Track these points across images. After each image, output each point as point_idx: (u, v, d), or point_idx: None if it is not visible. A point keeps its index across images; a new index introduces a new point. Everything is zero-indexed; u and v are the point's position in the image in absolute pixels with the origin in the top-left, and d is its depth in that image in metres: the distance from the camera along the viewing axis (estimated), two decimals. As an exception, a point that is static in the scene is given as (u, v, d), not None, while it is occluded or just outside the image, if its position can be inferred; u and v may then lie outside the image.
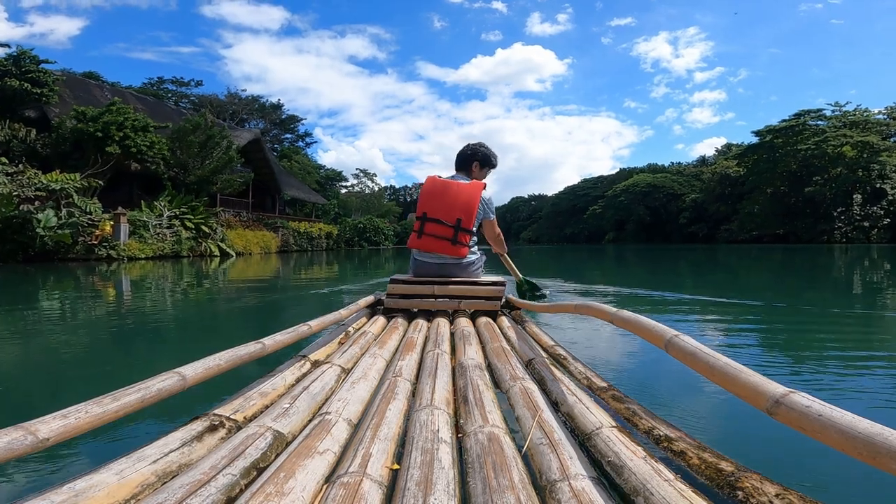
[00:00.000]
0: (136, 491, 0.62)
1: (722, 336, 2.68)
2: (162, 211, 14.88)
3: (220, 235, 16.79)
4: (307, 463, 0.68)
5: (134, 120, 15.61)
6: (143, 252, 13.14)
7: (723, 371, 0.71)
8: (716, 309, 3.97)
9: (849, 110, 36.56)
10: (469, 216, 2.25)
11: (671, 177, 54.59)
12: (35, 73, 16.20)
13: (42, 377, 2.00)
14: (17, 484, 1.05)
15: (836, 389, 1.71)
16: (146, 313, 3.96)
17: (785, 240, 34.45)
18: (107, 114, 15.01)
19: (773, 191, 36.99)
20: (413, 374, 1.22)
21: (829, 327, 3.08)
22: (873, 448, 0.48)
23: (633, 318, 1.05)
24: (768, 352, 2.35)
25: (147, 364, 2.27)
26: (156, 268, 9.96)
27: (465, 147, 2.51)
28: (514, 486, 0.62)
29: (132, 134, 15.32)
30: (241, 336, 1.06)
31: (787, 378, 1.84)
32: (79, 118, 14.86)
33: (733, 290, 5.81)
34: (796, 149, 34.87)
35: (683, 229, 47.41)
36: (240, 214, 21.38)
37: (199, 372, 0.89)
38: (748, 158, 40.79)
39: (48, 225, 11.36)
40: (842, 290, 5.57)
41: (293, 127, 46.20)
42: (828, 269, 9.15)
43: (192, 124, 17.80)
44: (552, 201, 75.65)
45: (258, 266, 11.46)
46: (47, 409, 0.66)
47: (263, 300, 4.97)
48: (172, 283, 6.99)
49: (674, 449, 0.77)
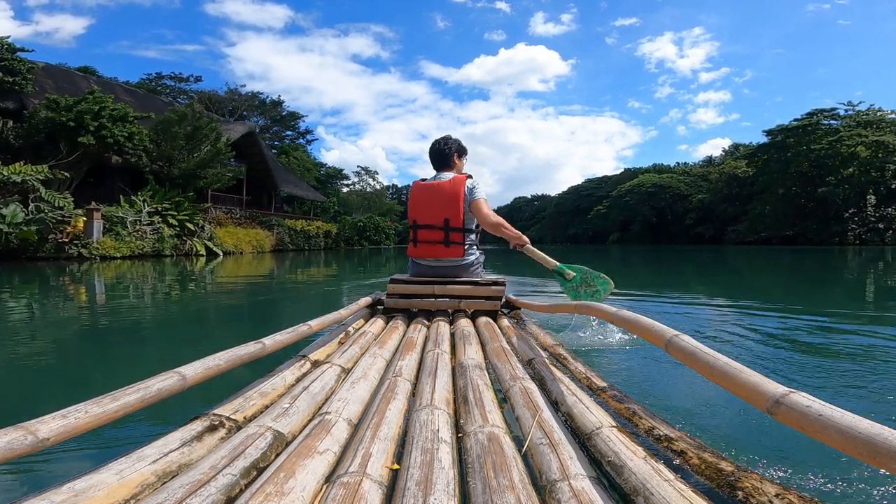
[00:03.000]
0: (136, 491, 0.61)
1: (722, 336, 2.68)
2: (141, 206, 14.01)
3: (207, 233, 15.92)
4: (307, 463, 0.68)
5: (112, 110, 14.68)
6: (120, 251, 12.34)
7: (723, 371, 0.71)
8: (721, 311, 3.97)
9: (862, 109, 36.01)
10: (456, 213, 2.20)
11: (677, 177, 54.03)
12: (9, 62, 15.22)
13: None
14: (17, 484, 1.05)
15: (836, 389, 1.71)
16: (95, 322, 3.56)
17: (794, 241, 33.91)
18: (83, 103, 14.10)
19: (785, 191, 36.42)
20: (413, 373, 1.22)
21: (829, 328, 3.08)
22: (873, 448, 0.48)
23: (633, 318, 1.05)
24: (768, 352, 2.35)
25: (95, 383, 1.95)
26: (128, 268, 9.33)
27: (438, 145, 2.39)
28: (514, 486, 0.62)
29: (109, 124, 14.35)
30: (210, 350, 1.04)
31: (788, 378, 1.84)
32: (51, 107, 13.94)
33: (749, 294, 5.69)
34: (809, 148, 34.30)
35: (690, 230, 46.95)
36: (232, 211, 20.73)
37: (199, 372, 0.89)
38: (758, 158, 40.28)
39: (14, 221, 10.53)
40: (860, 293, 5.50)
41: (294, 124, 46.02)
42: (842, 272, 8.99)
43: (178, 115, 16.68)
44: (556, 201, 75.33)
45: (245, 266, 10.98)
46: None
47: (235, 309, 4.40)
48: (137, 285, 6.40)
49: (674, 449, 0.77)
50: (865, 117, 35.14)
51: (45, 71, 18.05)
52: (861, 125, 34.27)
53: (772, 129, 38.75)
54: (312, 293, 5.67)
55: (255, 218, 21.95)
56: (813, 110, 37.06)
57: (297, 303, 4.85)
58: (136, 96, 22.75)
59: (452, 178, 2.26)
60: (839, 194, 33.24)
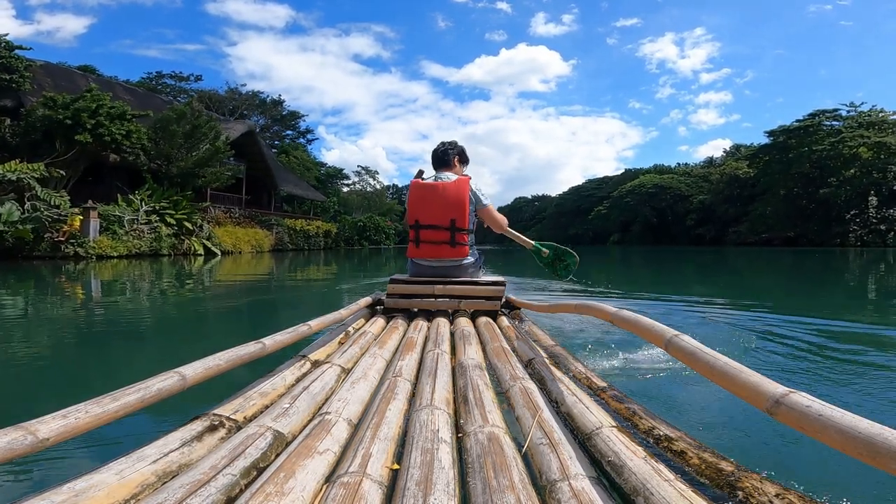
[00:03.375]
0: (136, 491, 0.61)
1: (723, 336, 2.68)
2: (139, 205, 13.84)
3: (206, 233, 15.79)
4: (307, 463, 0.68)
5: (110, 107, 14.49)
6: (116, 250, 12.21)
7: (723, 371, 0.71)
8: (721, 312, 3.97)
9: (864, 111, 35.71)
10: (462, 214, 2.22)
11: (678, 178, 53.79)
12: (7, 59, 15.05)
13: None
14: (17, 484, 1.05)
15: (837, 389, 1.71)
16: (86, 323, 3.53)
17: (795, 242, 33.67)
18: (80, 100, 13.92)
19: (786, 192, 36.18)
20: (413, 373, 1.22)
21: (829, 327, 3.08)
22: (873, 448, 0.48)
23: (633, 318, 1.05)
24: (768, 352, 2.35)
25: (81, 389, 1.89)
26: (125, 268, 9.31)
27: (443, 146, 2.44)
28: (514, 486, 0.62)
29: (106, 122, 14.14)
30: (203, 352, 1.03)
31: (788, 378, 1.84)
32: (48, 105, 13.77)
33: (749, 294, 5.67)
34: (811, 149, 34.06)
35: (690, 231, 46.68)
36: (231, 211, 20.57)
37: (199, 372, 0.89)
38: (760, 159, 40.08)
39: (10, 219, 10.42)
40: (861, 294, 5.48)
41: (294, 123, 45.94)
42: (843, 274, 8.94)
43: (177, 113, 16.51)
44: (556, 202, 75.04)
45: (243, 266, 10.96)
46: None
47: (231, 310, 4.32)
48: (132, 285, 6.32)
49: (674, 449, 0.77)
50: (868, 118, 34.89)
51: (43, 69, 17.93)
52: (863, 126, 34.04)
53: (774, 130, 38.58)
54: (312, 293, 5.67)
55: (255, 217, 21.82)
56: (815, 111, 36.78)
57: (297, 303, 4.85)
58: (136, 95, 22.62)
59: (457, 180, 2.27)
60: (841, 195, 33.04)
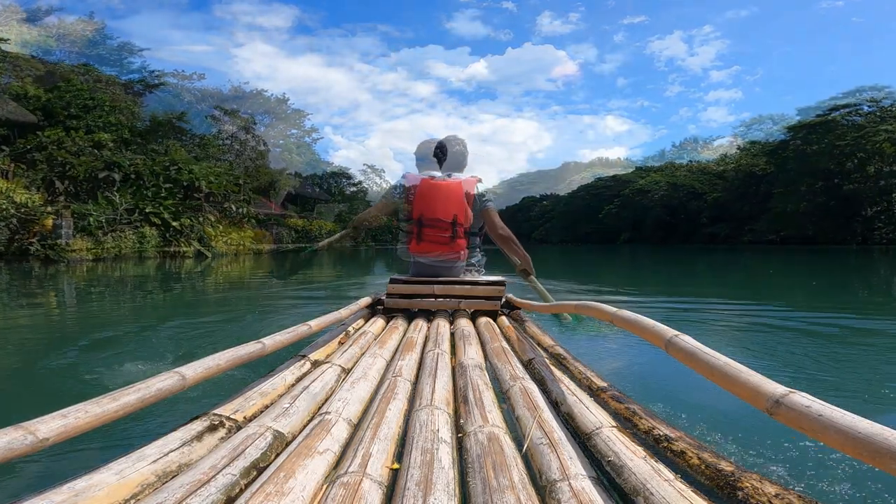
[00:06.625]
0: (136, 491, 0.61)
1: (723, 336, 2.68)
2: (119, 204, 13.14)
3: (196, 233, 15.02)
4: (307, 463, 0.68)
5: (88, 99, 13.95)
6: (93, 252, 11.55)
7: (723, 371, 0.71)
8: (722, 311, 3.97)
9: (886, 105, 34.44)
10: (464, 211, 2.24)
11: (691, 175, 52.10)
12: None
13: None
14: (17, 484, 1.05)
15: (837, 389, 1.71)
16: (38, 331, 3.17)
17: (814, 241, 32.34)
18: (55, 91, 13.48)
19: (806, 189, 34.64)
20: (413, 373, 1.22)
21: (831, 328, 3.08)
22: (873, 448, 0.48)
23: (633, 318, 1.05)
24: (769, 352, 2.35)
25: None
26: (96, 272, 8.69)
27: (447, 143, 2.43)
28: (514, 486, 0.62)
29: (82, 114, 13.54)
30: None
31: (788, 378, 1.84)
32: (19, 96, 13.27)
33: (764, 296, 5.65)
34: (833, 144, 32.60)
35: (704, 229, 44.59)
36: (227, 210, 19.72)
37: (199, 372, 0.89)
38: (778, 156, 38.56)
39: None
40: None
41: (299, 122, 45.92)
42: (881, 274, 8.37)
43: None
44: (565, 201, 73.54)
45: (236, 268, 10.30)
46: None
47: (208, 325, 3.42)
48: (100, 292, 5.69)
49: (674, 449, 0.77)
50: (890, 112, 33.52)
51: (29, 63, 17.60)
52: (885, 120, 32.62)
53: (793, 125, 37.45)
54: (312, 294, 5.67)
55: (254, 217, 21.65)
56: (833, 105, 35.59)
57: (297, 303, 4.85)
58: (122, 87, 21.86)
59: (465, 179, 2.31)
60: (864, 192, 31.57)
